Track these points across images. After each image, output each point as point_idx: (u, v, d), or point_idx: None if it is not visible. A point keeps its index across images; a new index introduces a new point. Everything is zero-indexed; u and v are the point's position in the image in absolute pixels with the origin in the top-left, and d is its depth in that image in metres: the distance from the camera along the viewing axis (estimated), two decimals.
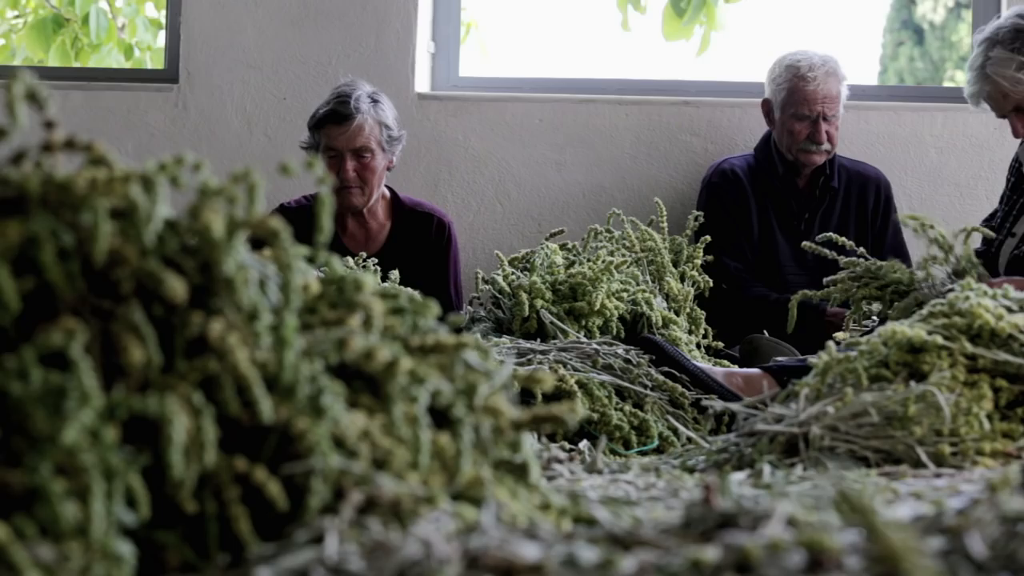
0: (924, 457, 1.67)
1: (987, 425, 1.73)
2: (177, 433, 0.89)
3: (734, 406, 1.82)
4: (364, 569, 0.81)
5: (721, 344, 3.43)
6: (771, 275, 3.82)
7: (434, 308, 1.17)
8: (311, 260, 1.17)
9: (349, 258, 3.09)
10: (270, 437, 0.97)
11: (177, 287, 0.94)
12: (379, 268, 3.56)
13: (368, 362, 1.01)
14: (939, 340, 1.81)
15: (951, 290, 2.65)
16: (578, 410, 1.10)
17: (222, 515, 0.95)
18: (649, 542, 0.88)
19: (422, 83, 4.31)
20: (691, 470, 1.71)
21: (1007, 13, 3.14)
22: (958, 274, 2.60)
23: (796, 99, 3.76)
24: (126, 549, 0.85)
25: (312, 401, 0.99)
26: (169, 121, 4.31)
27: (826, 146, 3.77)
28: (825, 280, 2.85)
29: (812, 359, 1.90)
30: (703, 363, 2.72)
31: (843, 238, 2.93)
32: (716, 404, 1.94)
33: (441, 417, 1.08)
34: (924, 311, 1.91)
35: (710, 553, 0.79)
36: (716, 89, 4.32)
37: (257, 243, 1.03)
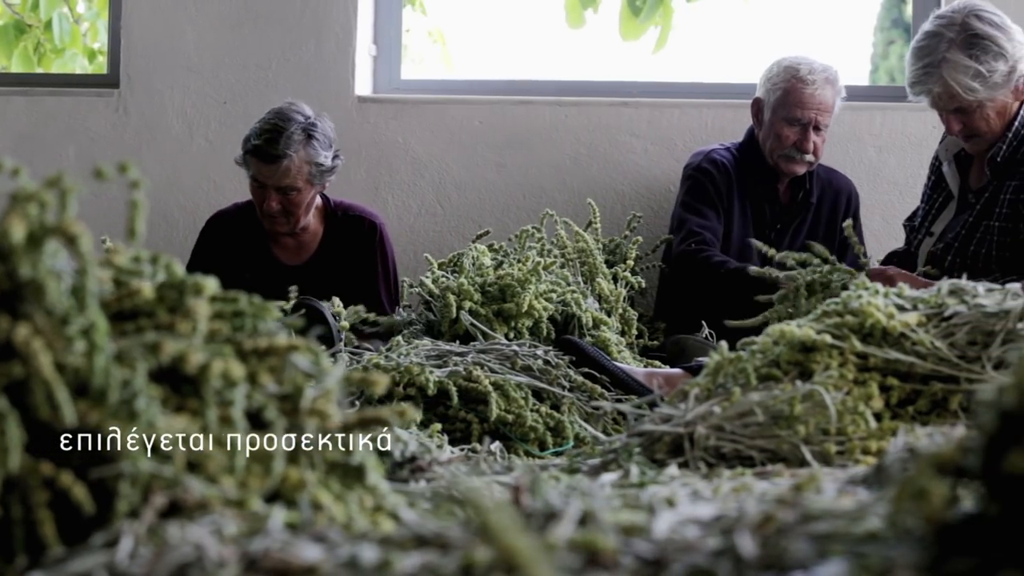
0: (808, 456, 1.67)
1: (873, 423, 1.73)
2: None
3: (622, 406, 1.83)
4: (143, 572, 0.81)
5: (656, 343, 3.44)
6: None
7: (273, 311, 1.17)
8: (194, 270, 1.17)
9: None
10: (80, 442, 0.97)
11: None
12: (312, 276, 3.54)
13: (184, 365, 1.01)
14: (828, 339, 1.82)
15: None
16: (411, 413, 1.10)
17: (30, 519, 0.95)
18: (449, 543, 0.89)
19: (363, 86, 4.30)
20: (575, 471, 1.72)
21: (956, 5, 2.96)
22: None
23: (790, 101, 3.62)
24: None
25: (126, 405, 0.99)
26: (110, 126, 4.30)
27: (810, 157, 3.64)
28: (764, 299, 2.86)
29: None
30: (623, 363, 2.73)
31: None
32: (606, 405, 1.95)
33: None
34: (818, 310, 1.92)
35: (481, 553, 0.79)
36: (655, 90, 4.32)
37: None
